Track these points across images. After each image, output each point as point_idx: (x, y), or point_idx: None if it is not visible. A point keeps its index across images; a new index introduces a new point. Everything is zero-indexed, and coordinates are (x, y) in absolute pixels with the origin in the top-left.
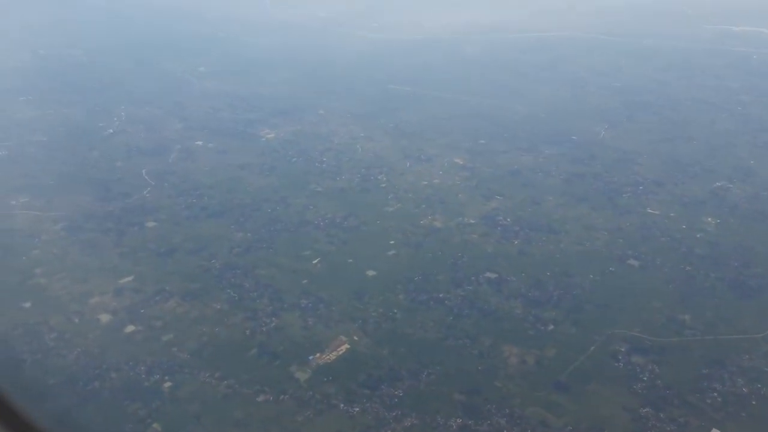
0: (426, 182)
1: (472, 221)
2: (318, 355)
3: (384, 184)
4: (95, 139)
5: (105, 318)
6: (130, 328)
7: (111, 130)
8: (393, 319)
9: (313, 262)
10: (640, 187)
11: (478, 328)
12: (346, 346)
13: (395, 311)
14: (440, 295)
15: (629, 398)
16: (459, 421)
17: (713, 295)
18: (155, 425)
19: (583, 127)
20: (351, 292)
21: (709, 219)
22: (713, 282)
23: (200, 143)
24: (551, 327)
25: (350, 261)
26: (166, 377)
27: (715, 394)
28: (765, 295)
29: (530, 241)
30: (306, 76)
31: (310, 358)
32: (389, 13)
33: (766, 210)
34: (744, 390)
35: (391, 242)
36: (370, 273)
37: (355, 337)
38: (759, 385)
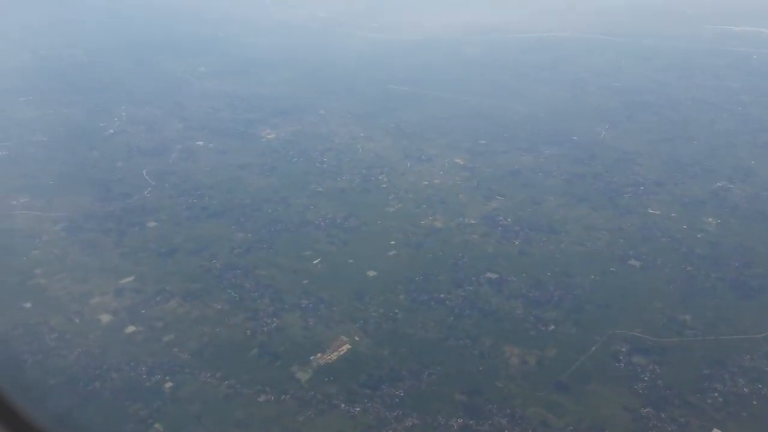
0: (427, 182)
1: (473, 221)
2: (319, 355)
3: (385, 185)
4: (96, 140)
5: (106, 318)
6: (130, 329)
7: (111, 131)
8: (394, 319)
9: (314, 262)
10: (641, 188)
11: (479, 329)
12: (347, 346)
13: (396, 311)
14: (441, 296)
15: (630, 398)
16: (460, 421)
17: (714, 295)
18: (156, 425)
19: (584, 128)
20: (352, 293)
21: (710, 219)
22: (714, 282)
23: (201, 143)
24: (552, 327)
25: (351, 261)
26: (167, 377)
27: (716, 394)
28: (766, 296)
29: (531, 242)
30: (306, 76)
31: (311, 358)
32: (389, 13)
33: (766, 210)
34: (745, 390)
35: (391, 242)
36: (371, 273)
37: (356, 338)
38: (760, 386)
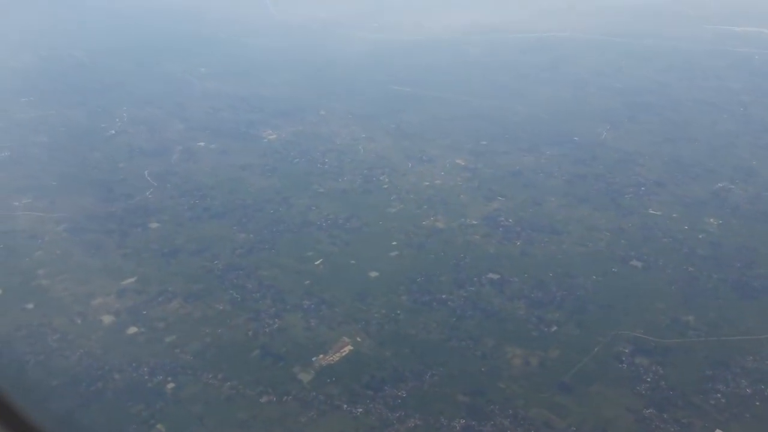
0: (428, 183)
1: (474, 222)
2: (321, 356)
3: (386, 185)
4: (97, 140)
5: (108, 319)
6: (132, 330)
7: (113, 131)
8: (396, 320)
9: (316, 263)
10: (642, 188)
11: (481, 329)
12: (349, 347)
13: (398, 312)
14: (443, 296)
15: (633, 399)
16: (462, 422)
17: (716, 296)
18: (159, 426)
19: (585, 128)
20: (354, 293)
21: (711, 220)
22: (716, 283)
23: (202, 144)
24: (554, 328)
25: (353, 262)
26: (169, 378)
27: (718, 395)
28: None
29: (532, 242)
30: (307, 77)
31: (313, 359)
32: (389, 13)
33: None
34: (748, 391)
35: (393, 243)
36: (373, 274)
37: (358, 338)
38: (762, 386)
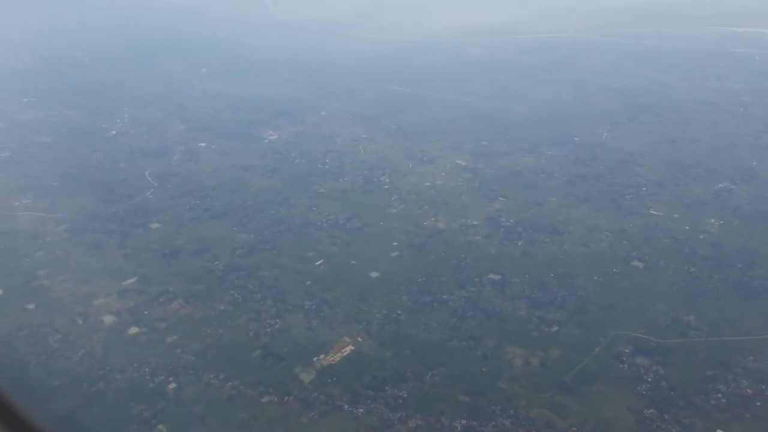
0: (429, 183)
1: (475, 222)
2: (322, 356)
3: (387, 186)
4: (98, 141)
5: (109, 319)
6: (134, 330)
7: (114, 132)
8: (397, 320)
9: (317, 263)
10: (643, 189)
11: (482, 330)
12: (350, 347)
13: (399, 312)
14: (444, 297)
15: (634, 399)
16: (464, 422)
17: (717, 296)
18: (160, 426)
19: (585, 129)
20: (355, 294)
21: (712, 220)
22: (717, 283)
23: (203, 145)
24: (555, 328)
25: (354, 262)
26: (171, 378)
27: (719, 395)
28: None
29: (533, 243)
30: (307, 78)
31: (315, 359)
32: (389, 13)
33: None
34: (748, 391)
35: (394, 244)
36: (374, 274)
37: (359, 339)
38: (763, 387)
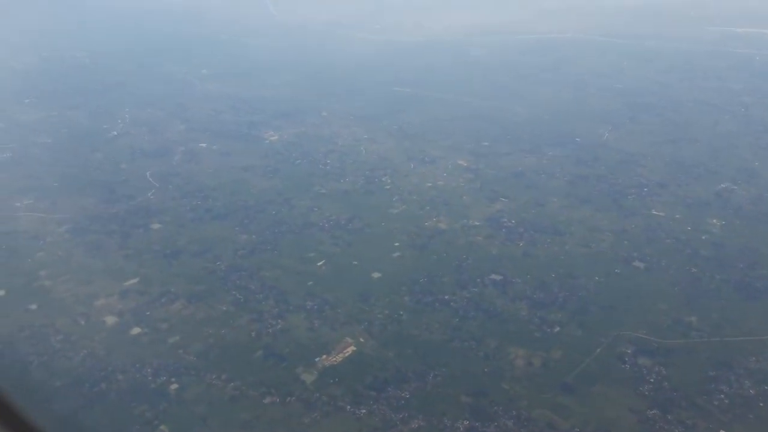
0: (430, 184)
1: (477, 223)
2: (324, 356)
3: (388, 186)
4: (99, 141)
5: (111, 320)
6: (136, 330)
7: (115, 132)
8: (398, 320)
9: (318, 263)
10: (645, 189)
11: (484, 330)
12: (352, 347)
13: (401, 313)
14: (445, 297)
15: (636, 400)
16: (466, 422)
17: (719, 296)
18: (162, 427)
19: (586, 129)
20: (356, 294)
21: (714, 220)
22: (719, 284)
23: (204, 145)
24: (557, 329)
25: (355, 263)
26: (173, 379)
27: (722, 396)
28: None
29: (535, 243)
30: (308, 78)
31: (317, 359)
32: (390, 14)
33: None
34: (751, 392)
35: (395, 244)
36: (375, 275)
37: (361, 339)
38: (766, 387)
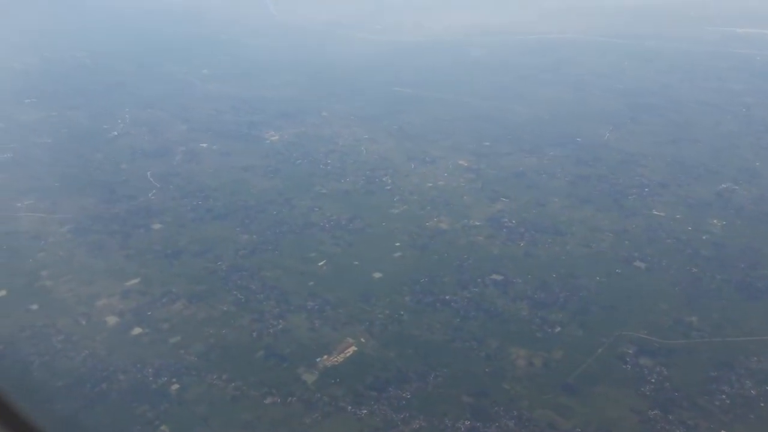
0: (431, 184)
1: (478, 223)
2: (325, 357)
3: (389, 186)
4: (100, 142)
5: (112, 320)
6: (137, 330)
7: (115, 133)
8: (399, 321)
9: (319, 264)
10: (646, 189)
11: (485, 330)
12: (353, 348)
13: (402, 313)
14: (446, 297)
15: (637, 400)
16: (467, 423)
17: (720, 296)
18: (163, 427)
19: (587, 129)
20: (357, 294)
21: (715, 221)
22: (720, 284)
23: (204, 145)
24: (558, 329)
25: (356, 263)
26: (174, 379)
27: (723, 396)
28: None
29: (536, 243)
30: (309, 79)
31: (318, 360)
32: (390, 14)
33: None
34: (752, 392)
35: (396, 244)
36: (376, 275)
37: (362, 339)
38: (767, 387)
